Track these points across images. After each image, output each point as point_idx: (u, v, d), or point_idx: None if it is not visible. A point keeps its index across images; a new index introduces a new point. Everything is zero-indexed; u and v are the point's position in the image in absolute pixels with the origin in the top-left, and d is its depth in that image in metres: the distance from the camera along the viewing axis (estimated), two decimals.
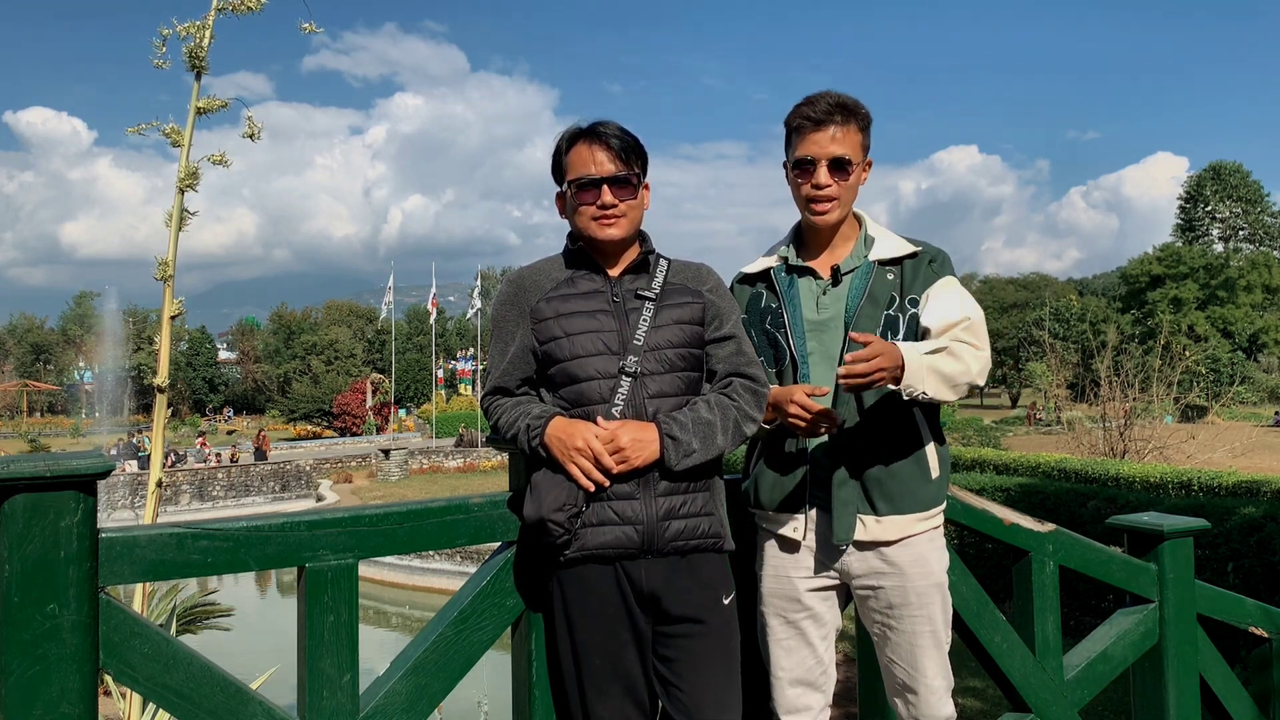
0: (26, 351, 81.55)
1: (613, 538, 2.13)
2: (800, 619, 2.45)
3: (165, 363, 3.03)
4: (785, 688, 2.45)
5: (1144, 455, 17.28)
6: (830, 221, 2.44)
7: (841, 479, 2.37)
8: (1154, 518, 3.30)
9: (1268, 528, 8.74)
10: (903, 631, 2.42)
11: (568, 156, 2.28)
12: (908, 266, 2.44)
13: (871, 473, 2.38)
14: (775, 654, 2.47)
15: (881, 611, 2.44)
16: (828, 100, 2.39)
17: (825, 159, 2.38)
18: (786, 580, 2.46)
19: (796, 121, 2.42)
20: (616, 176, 2.23)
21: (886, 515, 2.38)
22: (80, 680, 1.74)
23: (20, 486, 1.70)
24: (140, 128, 3.05)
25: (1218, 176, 73.35)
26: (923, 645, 2.41)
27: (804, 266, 2.48)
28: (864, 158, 2.45)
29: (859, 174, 2.44)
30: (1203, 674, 3.27)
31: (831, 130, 2.38)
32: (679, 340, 2.23)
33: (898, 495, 2.39)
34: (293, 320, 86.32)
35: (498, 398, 2.29)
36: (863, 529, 2.38)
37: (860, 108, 2.43)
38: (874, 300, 2.40)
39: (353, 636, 2.03)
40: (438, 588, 19.07)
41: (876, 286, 2.41)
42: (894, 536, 2.39)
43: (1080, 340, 27.06)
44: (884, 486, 2.38)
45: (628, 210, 2.24)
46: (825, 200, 2.41)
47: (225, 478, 33.37)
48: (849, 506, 2.37)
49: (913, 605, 2.40)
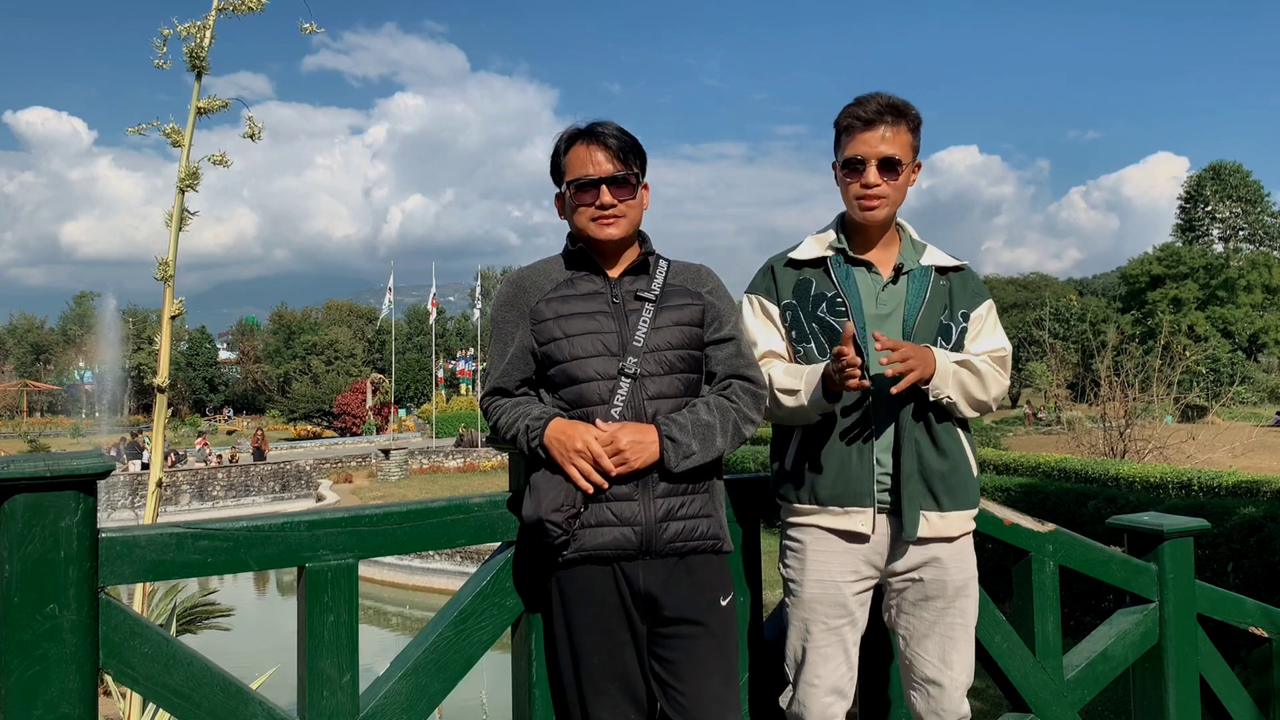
0: (26, 351, 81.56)
1: (611, 539, 2.13)
2: (842, 625, 2.41)
3: (165, 363, 3.03)
4: (820, 696, 2.40)
5: (1144, 455, 17.28)
6: (878, 219, 2.45)
7: (909, 473, 2.37)
8: (1154, 518, 3.30)
9: (1268, 528, 8.74)
10: (936, 624, 2.42)
11: (566, 157, 2.28)
12: (955, 279, 2.51)
13: (935, 468, 2.39)
14: (813, 660, 2.41)
15: (916, 603, 2.43)
16: (878, 101, 2.41)
17: (875, 159, 2.39)
18: (832, 585, 2.40)
19: (847, 121, 2.43)
20: (615, 176, 2.23)
21: (950, 511, 2.39)
22: (80, 680, 1.74)
23: (20, 486, 1.70)
24: (140, 128, 3.04)
25: (1218, 176, 73.34)
26: (954, 638, 2.43)
27: (862, 260, 2.48)
28: (914, 159, 2.46)
29: (908, 174, 2.46)
30: (1203, 674, 3.27)
31: (881, 130, 2.39)
32: (678, 342, 2.23)
33: (958, 490, 2.40)
34: (293, 320, 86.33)
35: (497, 398, 2.28)
36: (927, 525, 2.38)
37: (910, 109, 2.44)
38: (932, 305, 2.44)
39: (353, 636, 2.03)
40: (438, 588, 19.06)
41: (934, 292, 2.45)
42: (956, 532, 2.41)
43: (1080, 340, 27.06)
44: (947, 482, 2.39)
45: (626, 210, 2.24)
46: (875, 199, 2.42)
47: (225, 478, 33.34)
48: (915, 502, 2.36)
49: (950, 597, 2.42)
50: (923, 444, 2.39)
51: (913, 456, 2.37)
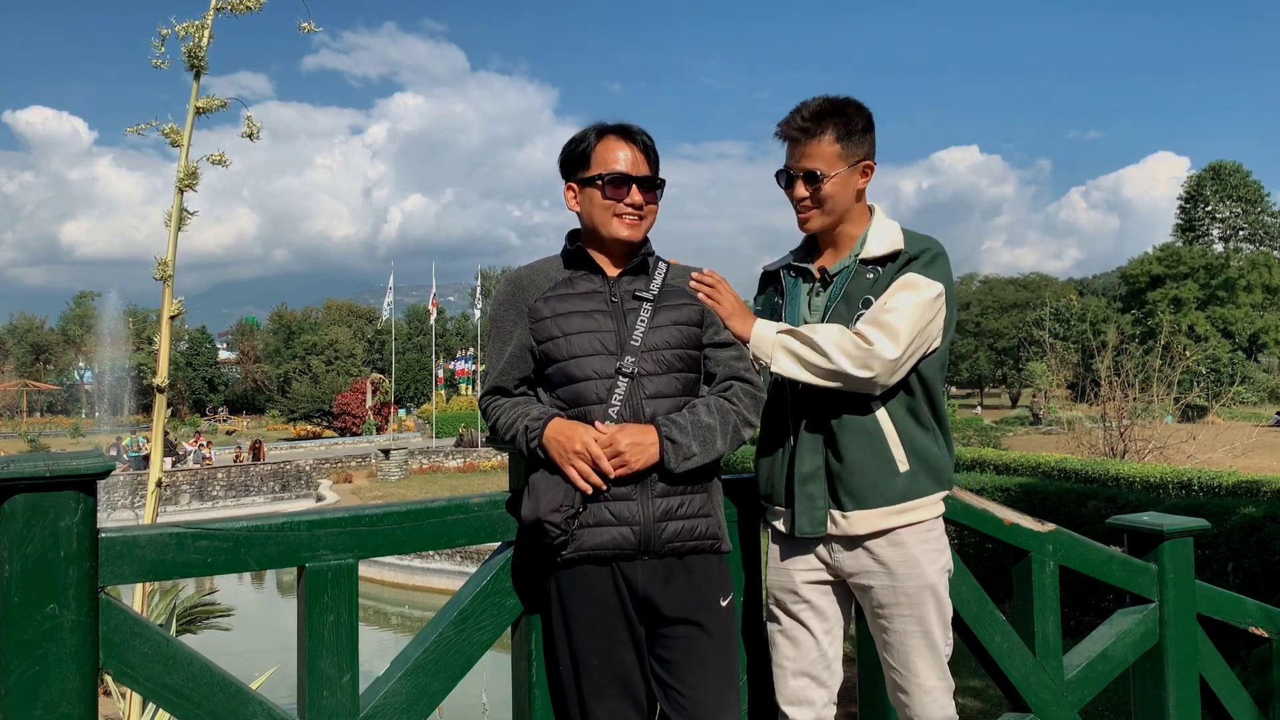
0: (26, 351, 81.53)
1: (609, 539, 2.13)
2: (799, 610, 2.47)
3: (165, 363, 3.03)
4: (789, 678, 2.46)
5: (1144, 455, 17.27)
6: (812, 229, 2.49)
7: (806, 474, 2.40)
8: (1154, 518, 3.30)
9: (1268, 528, 8.74)
10: (894, 631, 2.42)
11: (596, 149, 2.27)
12: (889, 269, 2.41)
13: (833, 467, 2.40)
14: (778, 643, 2.49)
15: (874, 611, 2.45)
16: (802, 113, 2.41)
17: (798, 172, 2.42)
18: (784, 572, 2.50)
19: (777, 132, 2.47)
20: (647, 178, 2.26)
21: (852, 510, 2.39)
22: (80, 680, 1.74)
23: (20, 486, 1.70)
24: (140, 128, 3.05)
25: (1218, 176, 73.35)
26: (913, 646, 2.41)
27: (802, 267, 2.53)
28: (848, 164, 2.40)
29: (841, 182, 2.40)
30: (1203, 674, 3.27)
31: (803, 144, 2.40)
32: (676, 341, 2.23)
33: (859, 490, 2.38)
34: (293, 320, 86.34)
35: (496, 398, 2.28)
36: (833, 525, 2.40)
37: (842, 113, 2.39)
38: (848, 300, 2.41)
39: (353, 636, 2.03)
40: (438, 588, 19.06)
41: (854, 286, 2.42)
42: (863, 531, 2.39)
43: (1080, 340, 27.06)
44: (844, 481, 2.39)
45: (649, 214, 2.28)
46: (803, 210, 2.46)
47: (225, 478, 33.35)
48: (815, 501, 2.40)
49: (902, 606, 2.40)
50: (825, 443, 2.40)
51: (814, 457, 2.40)
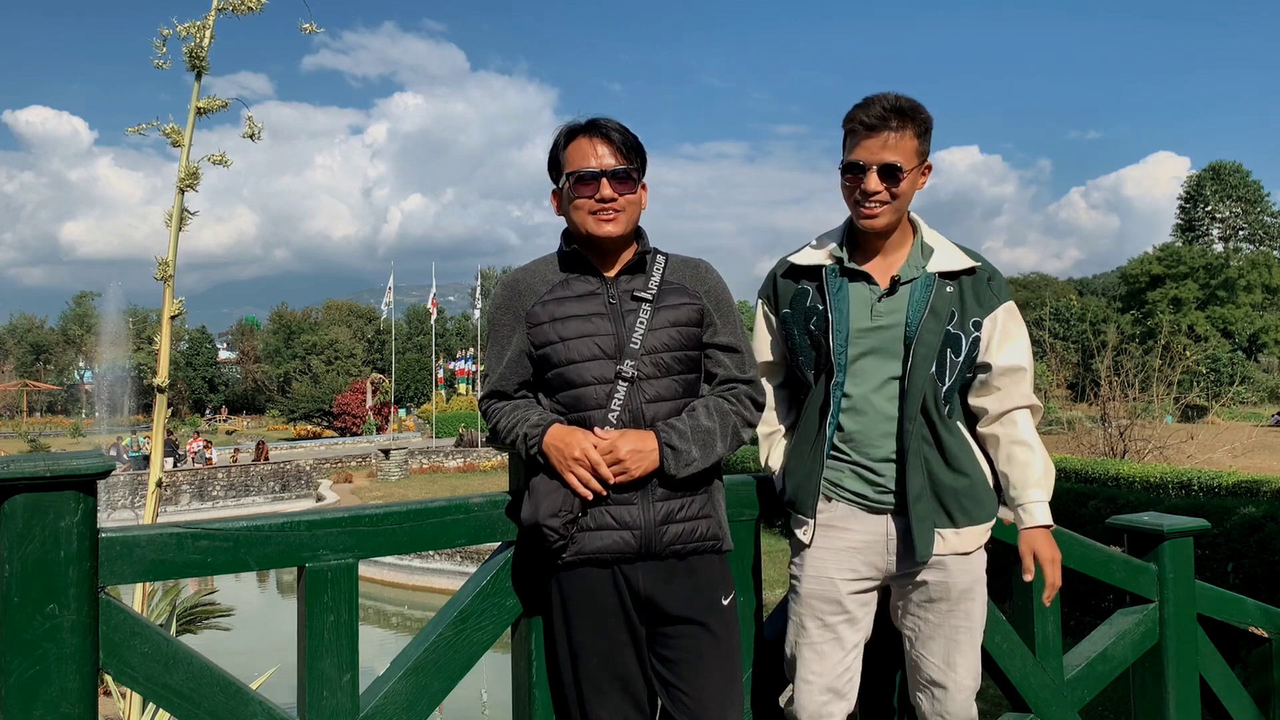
0: (26, 351, 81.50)
1: (609, 542, 2.12)
2: (837, 622, 2.39)
3: (165, 363, 3.03)
4: (814, 694, 2.38)
5: (1144, 455, 17.25)
6: (877, 227, 2.37)
7: (918, 493, 2.31)
8: (1154, 518, 3.30)
9: (1268, 528, 8.74)
10: (941, 626, 2.40)
11: (566, 151, 2.24)
12: (966, 282, 2.39)
13: (948, 485, 2.34)
14: (807, 657, 2.40)
15: (921, 605, 2.41)
16: (883, 104, 2.32)
17: (875, 165, 2.32)
18: (828, 582, 2.39)
19: (850, 125, 2.36)
20: (616, 170, 2.19)
21: (965, 527, 2.35)
22: (80, 680, 1.74)
23: (20, 486, 1.70)
24: (140, 128, 3.05)
25: (1218, 176, 73.29)
26: (959, 641, 2.40)
27: (859, 270, 2.41)
28: (919, 163, 2.36)
29: (913, 180, 2.36)
30: (1203, 674, 3.27)
31: (884, 136, 2.31)
32: (675, 343, 2.21)
33: (973, 506, 2.36)
34: (293, 320, 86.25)
35: (495, 401, 2.27)
36: (941, 542, 2.34)
37: (919, 112, 2.34)
38: (936, 315, 2.34)
39: (353, 636, 2.03)
40: (438, 588, 19.05)
41: (938, 300, 2.35)
42: (971, 548, 2.38)
43: (1080, 340, 27.03)
44: (960, 499, 2.35)
45: (626, 206, 2.20)
46: (875, 205, 2.35)
47: (225, 478, 33.33)
48: (926, 522, 2.32)
49: (954, 600, 2.39)
50: (933, 461, 2.34)
51: (921, 474, 2.32)
